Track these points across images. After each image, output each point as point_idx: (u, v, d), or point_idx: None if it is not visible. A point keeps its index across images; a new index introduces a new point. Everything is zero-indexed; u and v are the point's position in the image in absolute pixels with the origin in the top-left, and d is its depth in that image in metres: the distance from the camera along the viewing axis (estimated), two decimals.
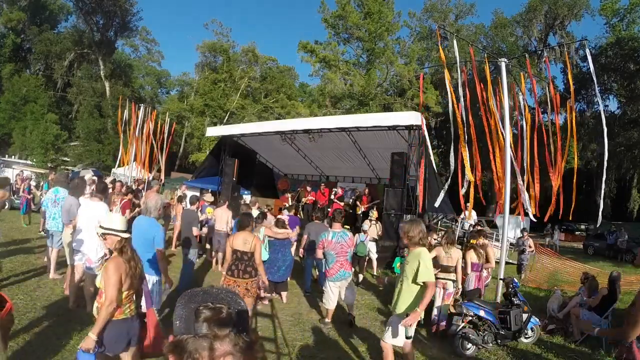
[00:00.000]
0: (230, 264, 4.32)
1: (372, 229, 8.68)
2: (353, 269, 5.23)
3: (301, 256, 7.05)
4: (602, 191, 6.07)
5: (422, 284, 3.33)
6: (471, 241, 6.22)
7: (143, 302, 3.56)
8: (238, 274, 4.25)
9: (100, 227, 2.77)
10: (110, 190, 8.99)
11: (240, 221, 4.58)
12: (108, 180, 9.20)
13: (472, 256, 5.86)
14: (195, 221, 6.27)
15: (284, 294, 6.07)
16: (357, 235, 7.95)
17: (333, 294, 5.01)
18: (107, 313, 2.51)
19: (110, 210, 7.61)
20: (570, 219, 6.39)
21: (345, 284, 5.09)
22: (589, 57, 6.55)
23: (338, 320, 5.26)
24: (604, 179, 6.07)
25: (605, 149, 6.07)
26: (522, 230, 10.51)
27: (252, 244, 4.29)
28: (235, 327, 0.79)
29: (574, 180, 6.18)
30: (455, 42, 7.15)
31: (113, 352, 2.62)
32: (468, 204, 6.46)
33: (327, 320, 5.13)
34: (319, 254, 5.10)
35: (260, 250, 4.45)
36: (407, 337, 3.41)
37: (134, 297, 2.71)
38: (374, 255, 8.65)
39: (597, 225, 6.20)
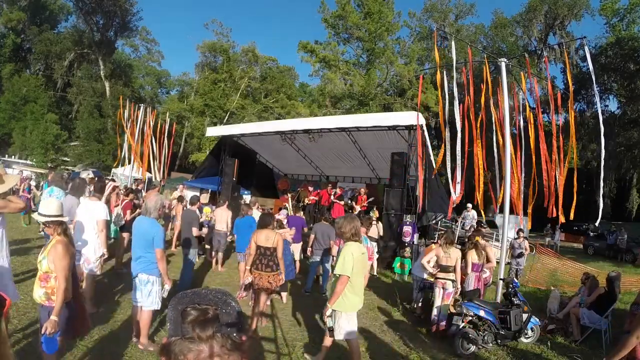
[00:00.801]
0: (254, 259, 4.61)
1: (373, 229, 8.68)
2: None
3: (309, 255, 7.00)
4: (601, 190, 6.06)
5: (338, 276, 3.51)
6: (477, 238, 6.18)
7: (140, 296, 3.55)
8: (262, 268, 4.57)
9: (40, 214, 2.79)
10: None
11: (262, 219, 4.87)
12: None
13: (473, 256, 5.86)
14: (196, 221, 6.27)
15: (283, 294, 6.07)
16: None
17: None
18: (64, 295, 2.55)
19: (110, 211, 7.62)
20: (572, 218, 6.36)
21: None
22: (588, 56, 6.54)
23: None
24: (601, 177, 6.06)
25: (602, 148, 6.07)
26: (519, 231, 9.37)
27: (274, 240, 4.60)
28: (225, 327, 0.79)
29: (574, 180, 6.17)
30: (453, 43, 7.15)
31: (66, 335, 2.70)
32: (469, 205, 6.48)
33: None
34: (334, 250, 5.09)
35: (282, 246, 4.76)
36: (328, 329, 3.55)
37: None
38: (374, 255, 8.65)
39: (597, 224, 6.17)
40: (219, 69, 36.99)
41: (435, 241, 6.50)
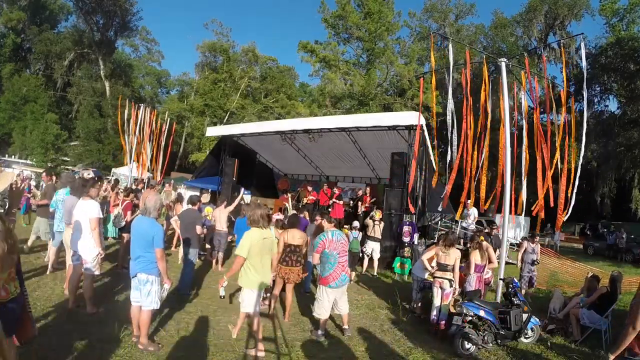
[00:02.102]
0: (284, 256, 5.05)
1: (375, 229, 8.68)
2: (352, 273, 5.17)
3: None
4: (575, 188, 6.06)
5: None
6: (481, 239, 6.14)
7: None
8: (292, 264, 5.08)
9: None
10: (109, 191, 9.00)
11: (290, 220, 5.45)
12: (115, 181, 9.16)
13: (476, 257, 5.84)
14: (198, 220, 6.26)
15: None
16: (349, 232, 8.00)
17: (329, 302, 4.61)
18: None
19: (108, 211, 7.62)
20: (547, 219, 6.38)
21: (342, 292, 4.73)
22: (583, 53, 6.56)
23: (337, 321, 5.27)
24: (578, 175, 6.12)
25: (582, 146, 6.12)
26: (532, 236, 8.12)
27: (303, 239, 5.19)
28: None
29: (563, 180, 6.16)
30: (450, 47, 7.14)
31: (9, 335, 2.43)
32: (469, 201, 6.47)
33: (320, 332, 4.65)
34: (316, 258, 4.64)
35: (309, 243, 5.32)
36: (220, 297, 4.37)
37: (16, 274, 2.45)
38: (376, 255, 8.65)
39: (567, 215, 6.11)
40: (219, 69, 36.98)
41: (435, 241, 6.46)
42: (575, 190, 6.06)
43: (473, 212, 11.70)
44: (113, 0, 34.62)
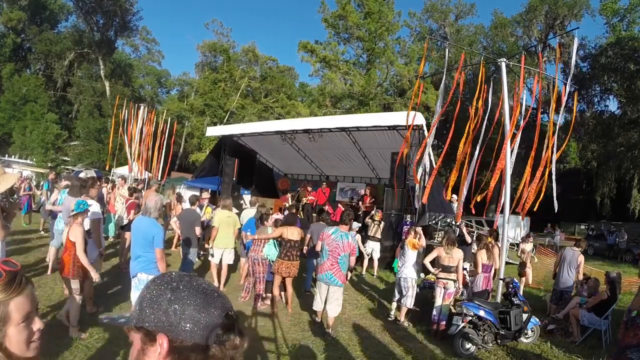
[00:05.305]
0: (285, 252, 5.47)
1: (375, 229, 8.69)
2: (345, 282, 5.14)
3: (306, 254, 7.01)
4: (554, 186, 6.07)
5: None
6: (489, 239, 6.12)
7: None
8: (293, 258, 5.48)
9: None
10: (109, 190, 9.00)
11: (288, 218, 5.93)
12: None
13: (482, 257, 5.82)
14: (198, 221, 6.26)
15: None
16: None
17: (320, 293, 4.93)
18: None
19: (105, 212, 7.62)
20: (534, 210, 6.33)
21: (333, 292, 4.83)
22: (575, 45, 6.54)
23: (338, 320, 5.27)
24: (553, 175, 6.15)
25: (561, 144, 6.13)
26: (578, 243, 6.78)
27: (301, 235, 5.67)
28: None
29: (552, 179, 6.15)
30: (447, 51, 7.13)
31: None
32: (454, 196, 6.46)
33: (317, 319, 5.13)
34: (319, 246, 5.13)
35: (306, 239, 5.87)
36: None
37: None
38: (376, 255, 8.66)
39: (556, 210, 6.09)
40: (219, 69, 36.98)
41: (415, 237, 6.23)
42: (556, 190, 6.04)
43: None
44: (113, 0, 34.63)
